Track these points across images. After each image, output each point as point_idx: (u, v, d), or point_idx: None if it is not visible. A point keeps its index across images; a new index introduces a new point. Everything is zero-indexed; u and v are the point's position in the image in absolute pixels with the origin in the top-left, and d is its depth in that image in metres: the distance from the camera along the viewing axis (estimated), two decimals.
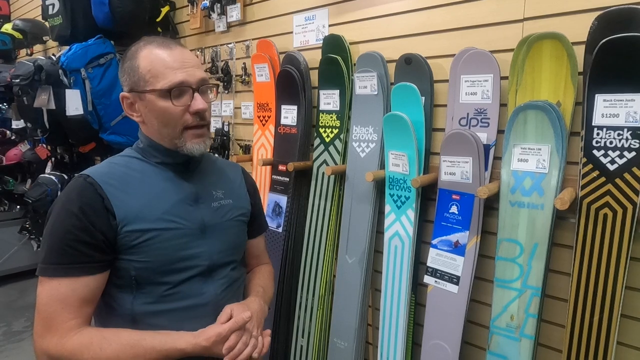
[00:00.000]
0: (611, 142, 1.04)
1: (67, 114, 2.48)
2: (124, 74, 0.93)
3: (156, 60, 0.89)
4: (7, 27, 3.33)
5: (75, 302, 0.84)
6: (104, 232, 0.85)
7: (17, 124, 3.19)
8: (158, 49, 0.90)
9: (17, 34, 3.30)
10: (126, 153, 0.98)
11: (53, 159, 3.26)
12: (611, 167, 1.04)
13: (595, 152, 1.06)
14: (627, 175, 1.02)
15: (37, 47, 3.59)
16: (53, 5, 2.57)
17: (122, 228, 0.86)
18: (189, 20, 2.24)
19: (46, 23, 2.87)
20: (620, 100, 1.02)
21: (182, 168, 0.97)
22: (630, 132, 1.01)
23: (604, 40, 1.00)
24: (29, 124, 2.87)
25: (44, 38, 3.33)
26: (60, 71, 2.50)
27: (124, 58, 0.94)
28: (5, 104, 3.59)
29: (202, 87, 0.93)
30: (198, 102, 0.90)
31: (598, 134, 1.05)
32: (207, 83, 0.94)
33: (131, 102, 0.93)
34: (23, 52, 3.69)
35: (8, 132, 3.62)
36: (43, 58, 2.76)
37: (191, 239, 0.93)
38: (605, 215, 1.06)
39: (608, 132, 1.04)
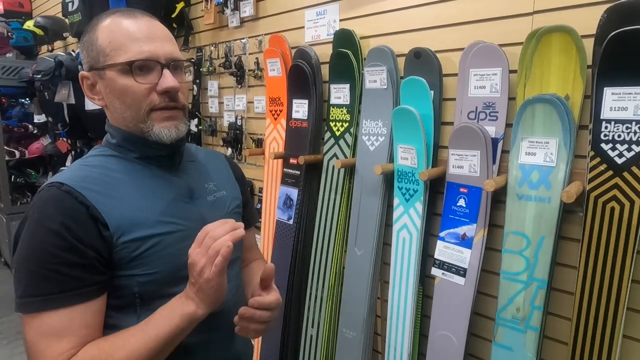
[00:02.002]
0: (619, 136, 1.03)
1: (86, 108, 2.55)
2: (83, 50, 0.80)
3: (118, 30, 0.76)
4: (29, 24, 3.42)
5: (76, 330, 0.70)
6: (95, 248, 0.71)
7: (38, 118, 3.30)
8: (121, 18, 0.77)
9: (38, 31, 3.39)
10: (99, 152, 0.83)
11: (73, 152, 3.36)
12: (619, 161, 1.04)
13: (603, 145, 1.06)
14: (634, 169, 1.02)
15: (58, 44, 3.68)
16: (72, 2, 2.65)
17: (118, 239, 0.73)
18: (203, 16, 2.27)
19: (66, 20, 2.95)
20: (629, 94, 1.01)
21: (167, 162, 0.84)
22: (638, 126, 1.01)
23: (613, 33, 0.99)
24: (50, 119, 2.97)
25: (64, 34, 3.41)
26: (79, 67, 2.57)
27: (84, 32, 0.80)
28: (27, 99, 3.71)
29: (174, 64, 0.79)
30: (167, 80, 0.76)
31: (606, 128, 1.05)
32: (179, 59, 0.80)
33: (91, 82, 0.80)
34: (44, 48, 3.80)
35: (30, 126, 3.75)
36: (63, 54, 2.84)
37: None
38: (613, 209, 1.05)
39: (616, 125, 1.04)
